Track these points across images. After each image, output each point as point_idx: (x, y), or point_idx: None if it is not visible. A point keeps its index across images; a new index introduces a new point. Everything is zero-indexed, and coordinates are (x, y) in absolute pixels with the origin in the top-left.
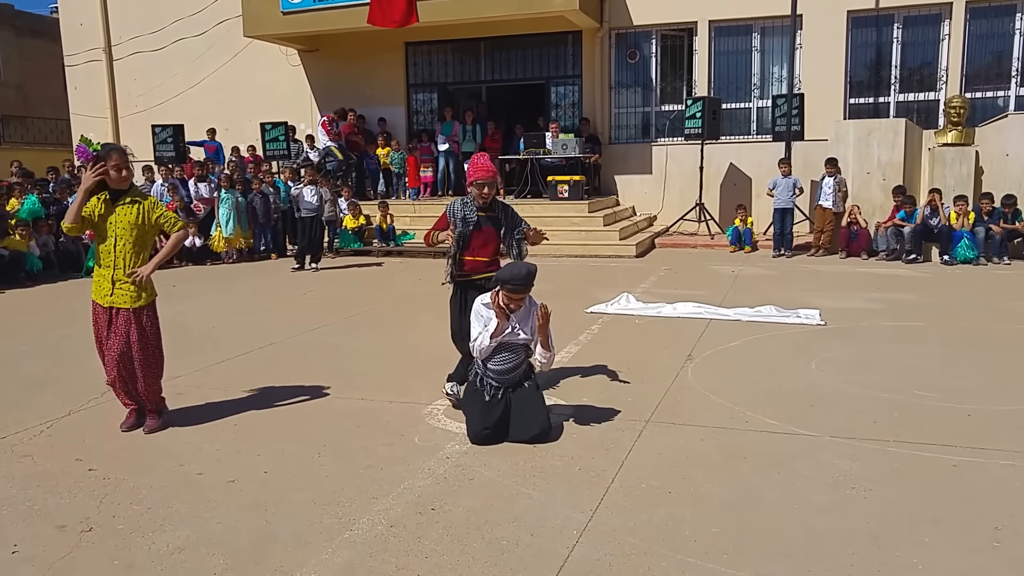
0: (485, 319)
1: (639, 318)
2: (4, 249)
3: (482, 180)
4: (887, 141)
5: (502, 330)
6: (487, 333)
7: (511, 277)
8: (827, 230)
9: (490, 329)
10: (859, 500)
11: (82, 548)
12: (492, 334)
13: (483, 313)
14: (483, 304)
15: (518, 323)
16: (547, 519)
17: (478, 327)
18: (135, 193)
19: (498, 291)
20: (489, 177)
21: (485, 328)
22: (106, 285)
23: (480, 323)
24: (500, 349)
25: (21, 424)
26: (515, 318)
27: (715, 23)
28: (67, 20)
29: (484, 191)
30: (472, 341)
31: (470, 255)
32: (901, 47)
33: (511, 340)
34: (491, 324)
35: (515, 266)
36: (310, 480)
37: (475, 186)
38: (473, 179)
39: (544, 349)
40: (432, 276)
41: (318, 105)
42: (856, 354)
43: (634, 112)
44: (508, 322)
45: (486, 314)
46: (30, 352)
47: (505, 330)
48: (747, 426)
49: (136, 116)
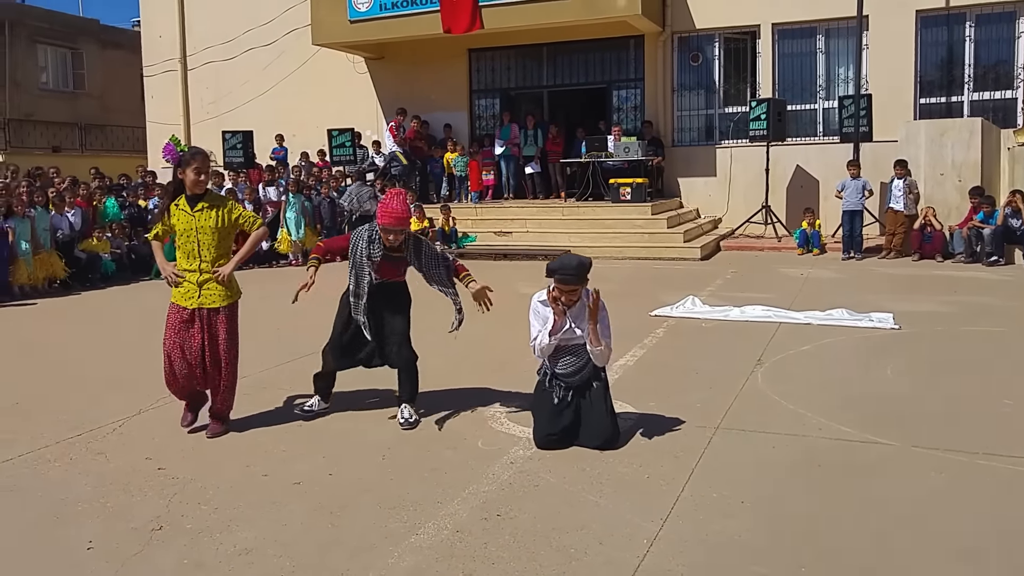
0: (543, 317)
1: (705, 321)
2: (82, 252)
3: (388, 227)
4: (962, 141)
5: (560, 327)
6: (545, 331)
7: (560, 267)
8: (899, 232)
9: (548, 326)
10: (947, 515)
11: (153, 546)
12: (551, 331)
13: (540, 310)
14: (539, 301)
15: (574, 321)
16: (616, 527)
17: (537, 325)
18: (212, 197)
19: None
20: (396, 225)
21: (544, 326)
22: (192, 288)
23: (539, 321)
24: (562, 352)
25: (95, 422)
26: (571, 315)
27: (778, 26)
28: (148, 33)
29: (390, 238)
30: (532, 341)
31: None
32: (974, 45)
33: (570, 340)
34: (549, 322)
35: (566, 256)
36: (375, 483)
37: (382, 230)
38: (380, 223)
39: (593, 343)
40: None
41: (383, 111)
42: (935, 360)
43: (697, 115)
44: (564, 318)
45: (543, 311)
46: (105, 352)
47: (563, 327)
48: (821, 434)
49: (207, 123)
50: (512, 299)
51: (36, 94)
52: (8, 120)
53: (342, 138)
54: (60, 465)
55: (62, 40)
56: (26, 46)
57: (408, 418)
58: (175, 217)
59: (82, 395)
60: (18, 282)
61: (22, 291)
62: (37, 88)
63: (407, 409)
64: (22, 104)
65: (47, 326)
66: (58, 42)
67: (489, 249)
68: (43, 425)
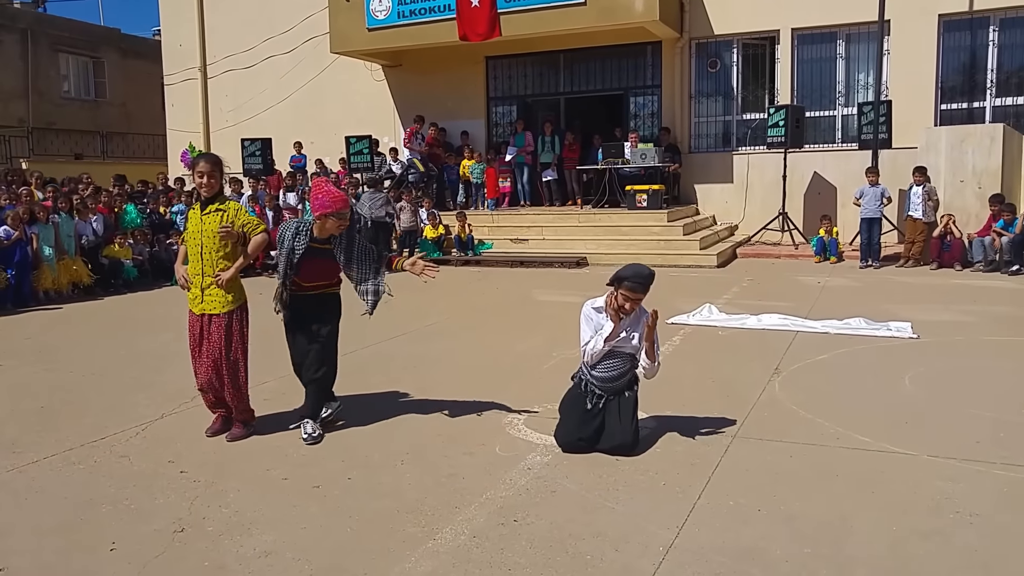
0: (596, 324)
1: (722, 329)
2: (105, 258)
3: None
4: (983, 147)
5: (617, 333)
6: (600, 337)
7: (633, 274)
8: (918, 241)
9: (604, 333)
10: (964, 525)
11: (174, 548)
12: (607, 338)
13: (593, 317)
14: (593, 308)
15: (629, 326)
16: (632, 534)
17: (588, 331)
18: (220, 201)
19: (615, 293)
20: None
21: (598, 333)
22: (196, 292)
23: (591, 327)
24: (608, 356)
25: (119, 425)
26: (626, 323)
27: (798, 31)
28: (168, 41)
29: (337, 224)
30: (583, 345)
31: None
32: (997, 50)
33: (621, 347)
34: (605, 328)
35: (635, 265)
36: (393, 488)
37: (330, 217)
38: (326, 212)
39: (649, 358)
40: (510, 285)
41: (401, 118)
42: (953, 369)
43: (714, 121)
44: (622, 325)
45: (596, 318)
46: (128, 356)
47: (619, 334)
48: (838, 443)
49: (226, 130)
50: (530, 306)
51: (58, 102)
52: (32, 128)
53: (360, 145)
54: (84, 467)
55: (83, 49)
56: (48, 55)
57: (311, 433)
58: (190, 220)
59: (105, 399)
60: (43, 287)
61: (47, 296)
62: (59, 96)
63: (309, 424)
64: (44, 112)
65: (71, 331)
66: (79, 51)
67: (506, 256)
68: (68, 428)
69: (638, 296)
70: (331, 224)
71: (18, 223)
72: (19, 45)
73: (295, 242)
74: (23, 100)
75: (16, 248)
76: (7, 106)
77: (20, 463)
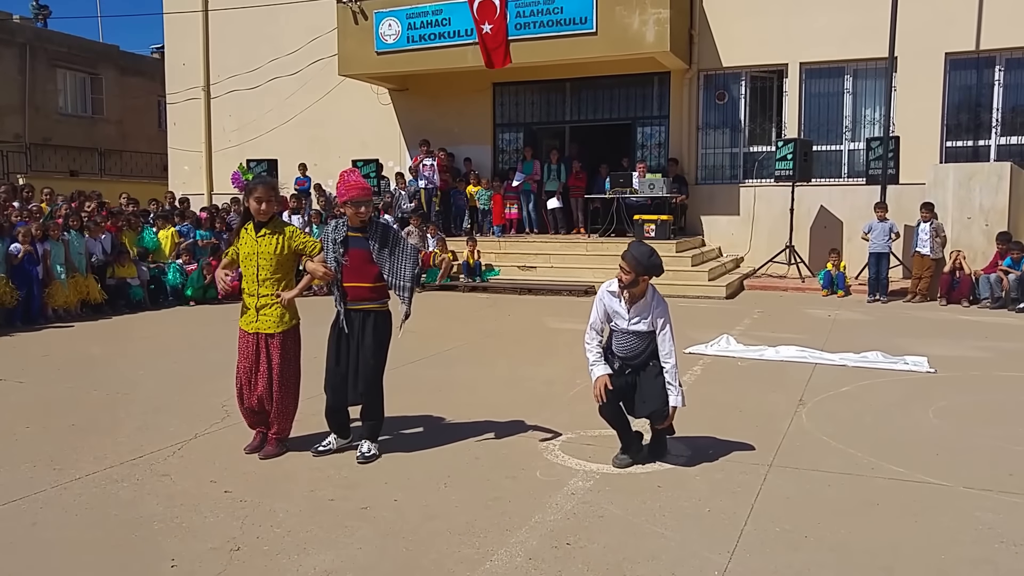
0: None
1: (741, 360)
2: (112, 278)
3: (356, 199)
4: (990, 185)
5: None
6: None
7: (632, 250)
8: (925, 276)
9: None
10: (1010, 555)
11: (234, 566)
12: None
13: (605, 299)
14: (608, 291)
15: (637, 315)
16: (685, 559)
17: (594, 315)
18: (276, 224)
19: None
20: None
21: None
22: (251, 312)
23: (600, 312)
24: (620, 336)
25: (154, 445)
26: (634, 309)
27: (806, 65)
28: (172, 60)
29: (361, 211)
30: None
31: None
32: (1003, 89)
33: (635, 328)
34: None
35: (643, 244)
36: (441, 510)
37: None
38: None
39: None
40: (520, 313)
41: (407, 143)
42: (976, 403)
43: (722, 153)
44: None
45: (609, 301)
46: (147, 377)
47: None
48: (874, 473)
49: (229, 150)
50: (544, 334)
51: (54, 118)
52: (29, 144)
53: (366, 169)
54: (128, 485)
55: (82, 65)
56: (45, 70)
57: (366, 452)
58: (242, 241)
59: (134, 418)
60: (54, 305)
61: (56, 314)
62: (55, 112)
63: (366, 444)
64: (40, 128)
65: (86, 349)
66: (77, 67)
67: (513, 283)
68: (102, 447)
69: (627, 270)
70: (350, 212)
71: (29, 239)
72: (18, 60)
73: (335, 233)
74: (19, 115)
75: (30, 265)
76: (3, 121)
77: (63, 480)
